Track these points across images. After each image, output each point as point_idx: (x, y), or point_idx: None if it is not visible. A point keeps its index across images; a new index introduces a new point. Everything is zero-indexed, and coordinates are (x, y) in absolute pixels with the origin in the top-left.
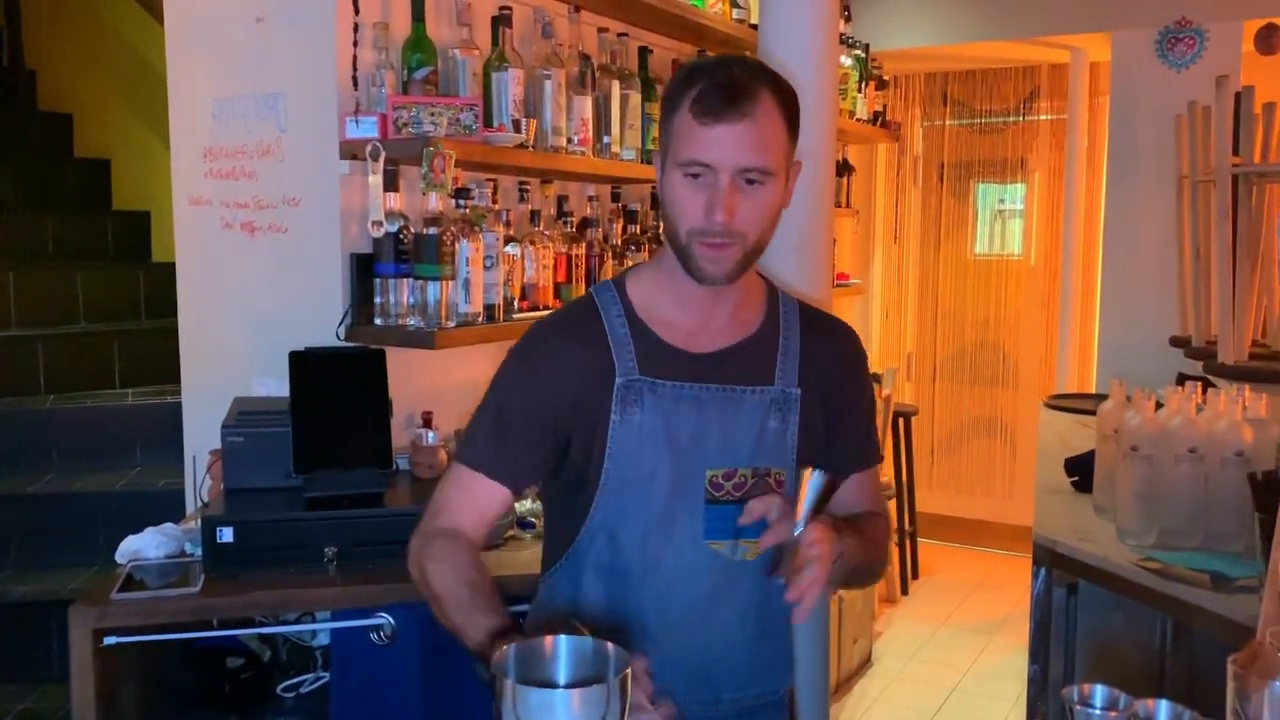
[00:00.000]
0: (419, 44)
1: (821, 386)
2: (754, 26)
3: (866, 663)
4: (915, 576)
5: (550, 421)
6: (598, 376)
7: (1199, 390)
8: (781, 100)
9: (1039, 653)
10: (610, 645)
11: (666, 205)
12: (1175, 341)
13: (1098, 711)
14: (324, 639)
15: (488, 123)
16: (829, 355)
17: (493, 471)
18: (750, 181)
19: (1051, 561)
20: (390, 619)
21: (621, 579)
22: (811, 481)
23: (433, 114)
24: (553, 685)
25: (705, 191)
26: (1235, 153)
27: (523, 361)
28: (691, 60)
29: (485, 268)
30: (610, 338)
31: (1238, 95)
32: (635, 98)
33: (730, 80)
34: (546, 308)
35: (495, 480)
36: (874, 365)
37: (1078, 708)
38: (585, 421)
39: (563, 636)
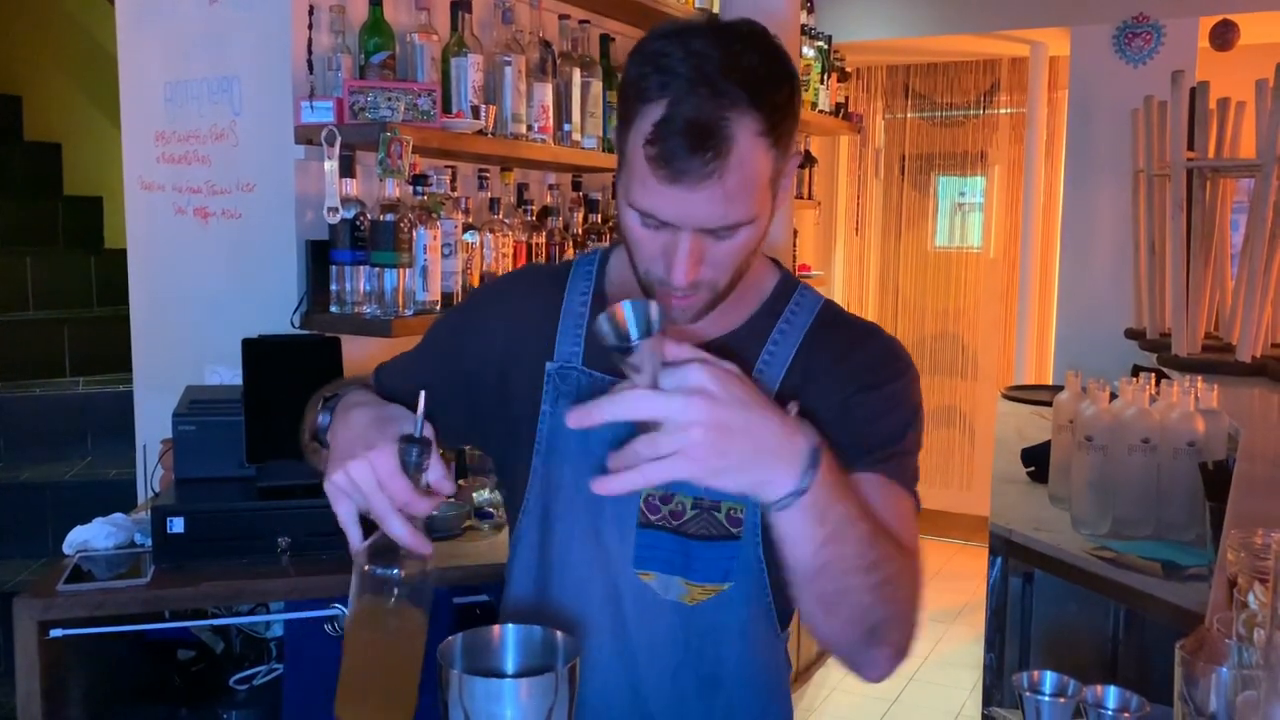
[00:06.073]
0: (376, 28)
1: (809, 414)
2: (715, 15)
3: (825, 652)
4: None
5: (465, 380)
6: (534, 356)
7: (1153, 381)
8: (766, 115)
9: (995, 641)
10: (559, 634)
11: (623, 231)
12: (1130, 334)
13: (1047, 698)
14: (277, 630)
15: (446, 109)
16: (837, 375)
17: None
18: (719, 236)
19: (1007, 551)
20: (344, 610)
21: (546, 594)
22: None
23: (390, 99)
24: (500, 675)
25: (664, 239)
26: (1190, 147)
27: (467, 305)
28: (653, 43)
29: (443, 255)
30: (563, 315)
31: (1193, 90)
32: (596, 86)
33: (697, 115)
34: None
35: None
36: None
37: (1027, 694)
38: (507, 403)
39: (510, 625)
